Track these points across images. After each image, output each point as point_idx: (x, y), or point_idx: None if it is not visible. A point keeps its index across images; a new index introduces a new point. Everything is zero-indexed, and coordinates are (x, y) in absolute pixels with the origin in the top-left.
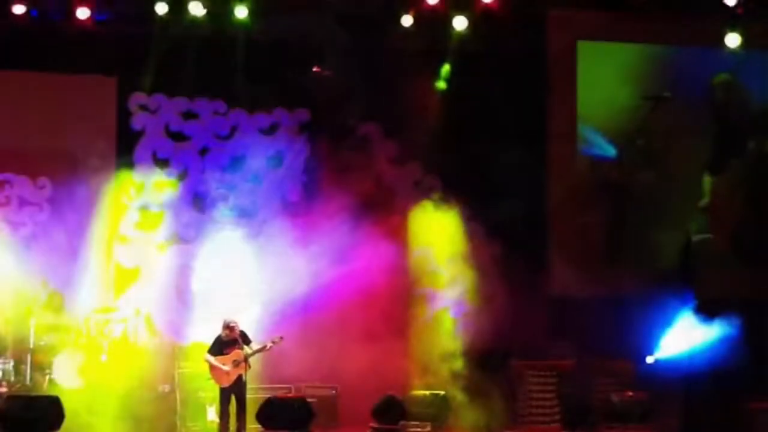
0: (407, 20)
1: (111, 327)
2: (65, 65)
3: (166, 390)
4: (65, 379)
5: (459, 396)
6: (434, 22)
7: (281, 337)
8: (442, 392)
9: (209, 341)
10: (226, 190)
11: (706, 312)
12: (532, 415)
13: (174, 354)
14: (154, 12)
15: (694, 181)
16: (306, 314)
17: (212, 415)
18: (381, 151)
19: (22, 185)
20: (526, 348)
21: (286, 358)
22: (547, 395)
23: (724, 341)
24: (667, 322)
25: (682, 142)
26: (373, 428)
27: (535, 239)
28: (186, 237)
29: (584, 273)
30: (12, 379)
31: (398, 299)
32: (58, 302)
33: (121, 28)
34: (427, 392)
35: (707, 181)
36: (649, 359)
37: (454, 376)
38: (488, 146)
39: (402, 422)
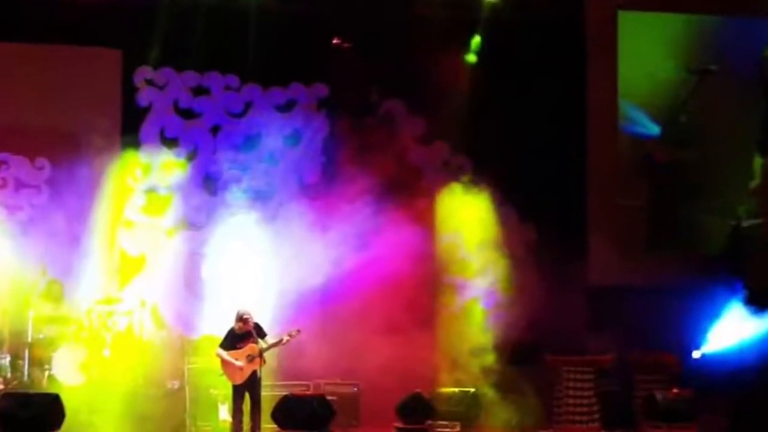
0: None
1: (115, 319)
2: (66, 37)
3: (175, 387)
4: (65, 375)
5: (490, 393)
6: None
7: (298, 330)
8: (472, 389)
9: (221, 334)
10: (240, 172)
11: (757, 302)
12: (568, 414)
13: (183, 348)
14: None
15: (743, 161)
16: (325, 305)
17: (224, 413)
18: (406, 130)
19: (19, 166)
20: (562, 342)
21: (303, 353)
22: (585, 393)
23: None
24: (714, 314)
25: (730, 119)
26: (398, 428)
27: (572, 224)
28: (196, 222)
29: (625, 260)
30: (8, 375)
31: (424, 289)
32: (57, 292)
33: None
34: (456, 389)
35: (757, 161)
36: (696, 353)
37: (485, 371)
38: (522, 124)
39: (429, 421)
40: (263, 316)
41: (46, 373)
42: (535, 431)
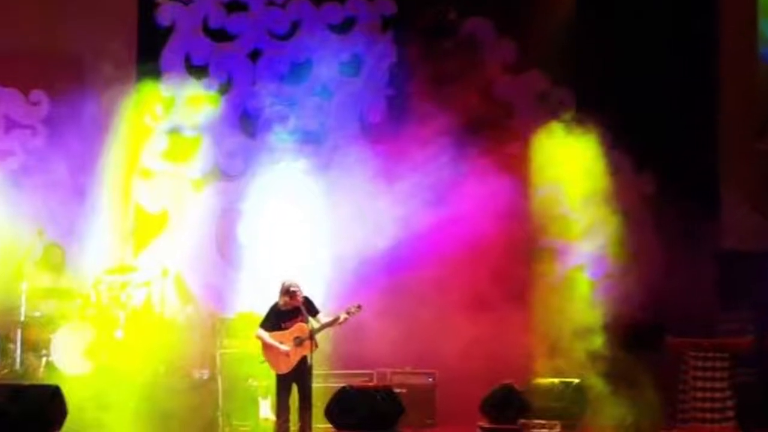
0: None
1: (129, 292)
2: None
3: (204, 377)
4: (67, 362)
5: (598, 385)
6: None
7: (359, 306)
8: (576, 380)
9: (262, 312)
10: (285, 108)
11: None
12: (695, 411)
13: (214, 329)
14: None
15: None
16: (392, 275)
17: (266, 410)
18: (493, 55)
19: (9, 101)
20: (688, 321)
21: (365, 334)
22: (717, 384)
23: None
24: None
25: None
26: (484, 428)
27: (699, 174)
28: (230, 170)
29: (766, 220)
30: None
31: (516, 254)
32: (57, 259)
33: None
34: (556, 380)
35: None
36: None
37: (592, 358)
38: (638, 49)
39: (522, 420)
40: (315, 289)
41: (44, 359)
42: None
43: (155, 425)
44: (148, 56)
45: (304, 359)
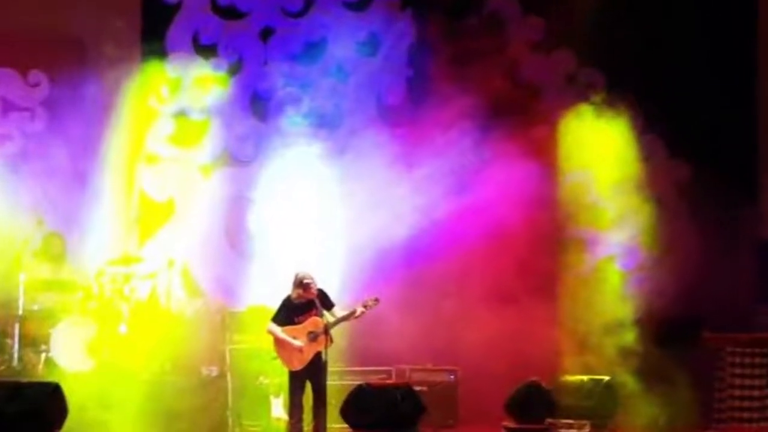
0: None
1: (133, 284)
2: None
3: (213, 374)
4: (68, 358)
5: (629, 383)
6: None
7: (376, 299)
8: (606, 377)
9: (274, 305)
10: (298, 89)
11: None
12: (733, 410)
13: (224, 323)
14: None
15: None
16: (411, 266)
17: (278, 409)
18: (518, 34)
19: (7, 82)
20: (725, 314)
21: (383, 329)
22: (756, 381)
23: None
24: None
25: None
26: (508, 428)
27: (737, 159)
28: (240, 156)
29: None
30: None
31: (543, 244)
32: (58, 249)
33: None
34: (585, 377)
35: None
36: None
37: (623, 354)
38: (672, 26)
39: (549, 419)
40: (330, 281)
41: (43, 355)
42: None
43: (161, 425)
44: (154, 35)
45: (318, 355)
